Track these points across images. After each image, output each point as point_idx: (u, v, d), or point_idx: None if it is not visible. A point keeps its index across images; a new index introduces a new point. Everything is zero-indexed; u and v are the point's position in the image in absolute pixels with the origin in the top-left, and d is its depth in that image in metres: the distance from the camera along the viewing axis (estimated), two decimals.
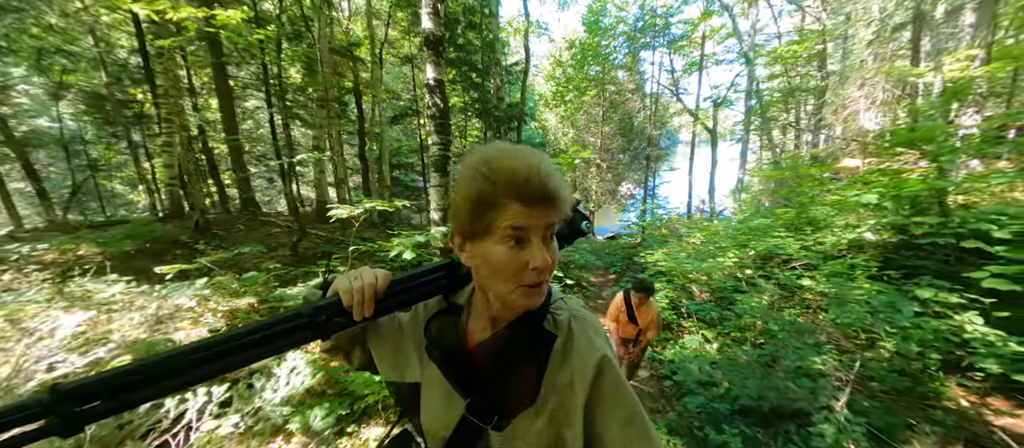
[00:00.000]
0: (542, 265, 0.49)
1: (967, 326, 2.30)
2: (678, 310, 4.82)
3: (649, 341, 3.18)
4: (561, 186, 0.49)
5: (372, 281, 0.52)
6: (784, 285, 4.23)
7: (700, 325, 4.50)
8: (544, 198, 0.48)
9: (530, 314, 0.57)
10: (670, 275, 5.42)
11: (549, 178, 0.48)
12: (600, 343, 0.57)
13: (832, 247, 3.53)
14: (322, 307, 0.51)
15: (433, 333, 0.63)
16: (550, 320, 0.59)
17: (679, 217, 12.50)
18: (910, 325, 2.52)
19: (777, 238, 4.02)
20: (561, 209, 0.50)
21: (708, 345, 4.12)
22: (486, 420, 0.55)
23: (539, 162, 0.48)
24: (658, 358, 3.99)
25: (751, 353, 3.50)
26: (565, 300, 0.62)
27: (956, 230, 2.61)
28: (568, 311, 0.60)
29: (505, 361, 0.57)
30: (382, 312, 0.54)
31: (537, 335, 0.57)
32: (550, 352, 0.57)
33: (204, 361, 0.45)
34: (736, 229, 5.16)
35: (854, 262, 3.23)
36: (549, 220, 0.49)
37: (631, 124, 16.85)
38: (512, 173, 0.48)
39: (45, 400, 0.40)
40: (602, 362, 0.54)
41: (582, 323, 0.59)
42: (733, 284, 4.73)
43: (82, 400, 0.41)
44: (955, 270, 2.68)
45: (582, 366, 0.54)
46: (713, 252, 5.04)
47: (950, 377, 2.88)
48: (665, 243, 7.72)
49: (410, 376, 0.64)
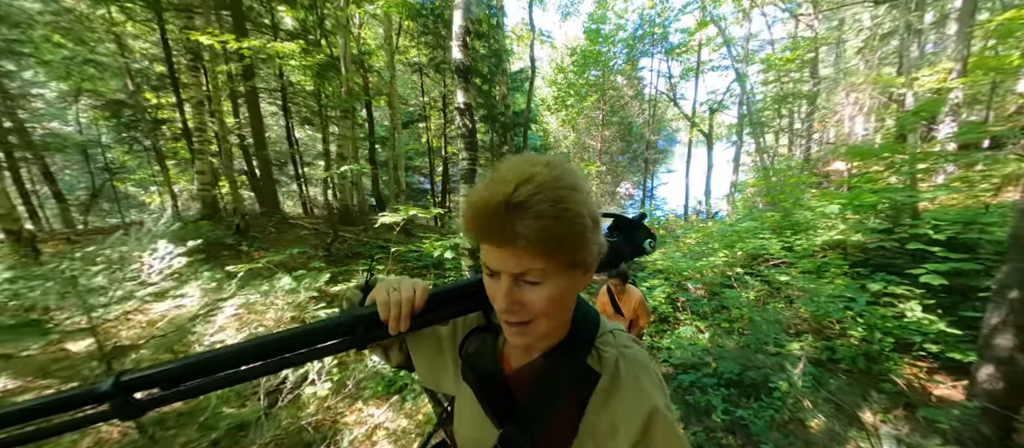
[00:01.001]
0: (501, 308, 0.46)
1: (908, 313, 2.82)
2: (674, 304, 5.34)
3: (642, 330, 3.09)
4: (544, 236, 0.41)
5: (410, 296, 0.51)
6: (768, 281, 4.75)
7: (694, 318, 5.02)
8: (502, 240, 0.42)
9: (569, 345, 0.54)
10: (667, 273, 5.93)
11: (516, 222, 0.41)
12: (651, 389, 0.50)
13: (808, 248, 4.05)
14: (360, 318, 0.51)
15: (469, 351, 0.61)
16: (594, 356, 0.54)
17: (676, 218, 13.04)
18: (865, 312, 3.04)
19: (761, 240, 4.54)
20: (538, 261, 0.43)
21: (701, 335, 4.64)
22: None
23: (509, 196, 0.41)
24: (656, 346, 4.51)
25: (737, 340, 4.03)
26: (615, 334, 0.57)
27: (900, 235, 3.13)
28: (616, 348, 0.54)
29: (542, 393, 0.53)
30: (418, 327, 0.53)
31: (579, 370, 0.52)
32: (592, 392, 0.51)
33: (250, 360, 0.48)
34: (726, 231, 5.68)
35: (825, 261, 3.75)
36: (516, 270, 0.44)
37: (630, 128, 17.39)
38: (470, 206, 0.44)
39: (108, 388, 0.43)
40: (652, 414, 0.48)
41: (631, 364, 0.53)
42: (723, 281, 5.26)
43: (142, 388, 0.45)
44: (905, 267, 3.21)
45: (628, 416, 0.49)
46: (706, 252, 5.56)
47: (904, 357, 3.41)
48: (663, 243, 8.23)
49: (446, 387, 0.63)
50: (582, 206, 0.43)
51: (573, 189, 0.43)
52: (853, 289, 3.15)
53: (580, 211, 0.42)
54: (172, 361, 0.46)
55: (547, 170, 0.43)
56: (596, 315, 0.58)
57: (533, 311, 0.46)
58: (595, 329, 0.56)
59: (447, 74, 10.60)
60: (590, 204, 0.45)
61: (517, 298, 0.45)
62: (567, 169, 0.44)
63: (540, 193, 0.41)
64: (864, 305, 2.96)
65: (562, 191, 0.42)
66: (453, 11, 3.66)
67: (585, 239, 0.44)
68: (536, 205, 0.40)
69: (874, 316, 2.91)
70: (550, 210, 0.40)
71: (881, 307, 2.99)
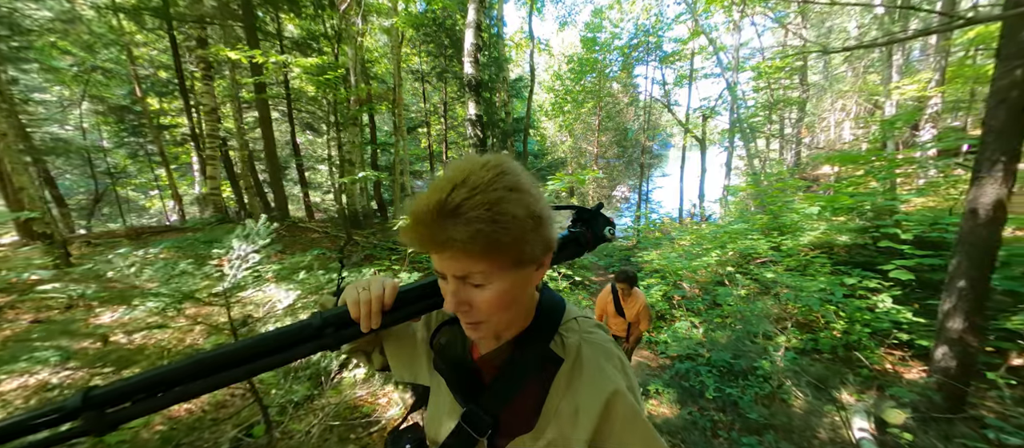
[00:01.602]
0: (450, 309, 0.47)
1: (879, 305, 3.14)
2: (670, 301, 5.65)
3: (641, 334, 3.07)
4: (481, 239, 0.41)
5: (380, 293, 0.52)
6: (758, 279, 5.06)
7: (688, 314, 5.32)
8: (438, 247, 0.42)
9: (533, 332, 0.55)
10: (663, 272, 6.24)
11: (451, 226, 0.41)
12: (612, 372, 0.52)
13: (793, 248, 4.38)
14: (330, 320, 0.52)
15: (441, 342, 0.63)
16: (558, 341, 0.55)
17: (671, 221, 13.40)
18: (843, 305, 3.36)
19: (751, 241, 4.87)
20: (478, 262, 0.43)
21: (695, 330, 4.94)
22: (480, 432, 0.54)
23: (444, 201, 0.41)
24: (653, 340, 4.80)
25: (730, 332, 4.33)
26: (579, 320, 0.58)
27: (872, 234, 3.46)
28: (579, 334, 0.56)
29: (507, 378, 0.54)
30: (390, 324, 0.54)
31: (541, 355, 0.54)
32: (554, 376, 0.53)
33: (223, 368, 0.48)
34: (718, 233, 6.01)
35: (808, 259, 4.08)
36: (458, 272, 0.45)
37: (626, 133, 17.80)
38: (409, 215, 0.44)
39: (76, 404, 0.43)
40: (613, 396, 0.50)
41: (594, 349, 0.54)
42: (716, 279, 5.57)
43: (114, 402, 0.45)
44: (880, 264, 3.53)
45: (589, 398, 0.50)
46: (699, 253, 5.88)
47: (879, 347, 3.73)
48: (659, 245, 8.56)
49: (422, 378, 0.66)
50: (520, 206, 0.43)
51: (512, 189, 0.43)
52: (832, 284, 3.46)
53: (517, 212, 0.42)
54: (142, 374, 0.46)
55: (483, 171, 0.43)
56: (562, 303, 0.59)
57: (482, 311, 0.47)
58: (559, 316, 0.57)
59: (449, 82, 10.93)
60: (531, 203, 0.44)
61: (464, 299, 0.46)
62: (507, 169, 0.44)
63: (474, 196, 0.41)
64: (841, 298, 3.27)
65: (498, 193, 0.42)
66: (464, 30, 3.96)
67: (525, 239, 0.44)
68: (470, 210, 0.40)
69: (850, 308, 3.22)
70: (485, 214, 0.40)
71: (856, 300, 3.30)
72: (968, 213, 2.24)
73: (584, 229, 0.66)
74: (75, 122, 12.21)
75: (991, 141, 2.11)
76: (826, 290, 3.38)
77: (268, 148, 6.64)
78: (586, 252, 0.66)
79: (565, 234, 0.66)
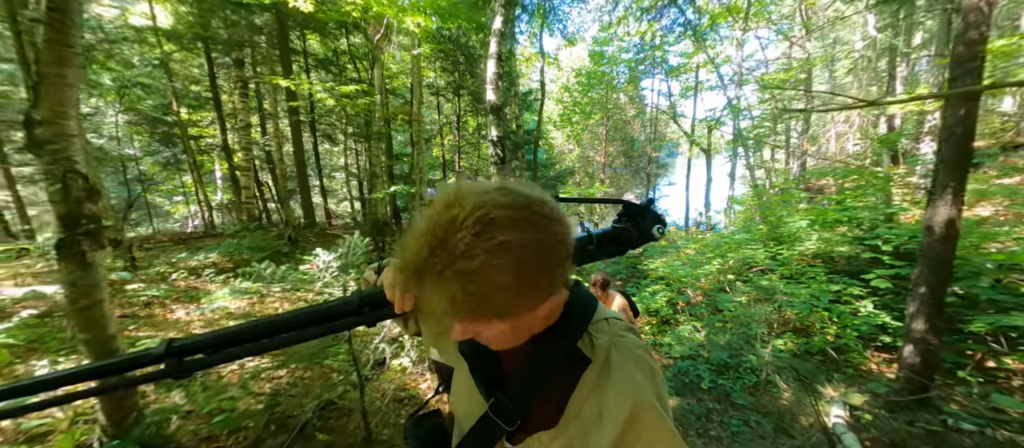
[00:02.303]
0: (456, 338, 0.47)
1: (862, 309, 3.50)
2: (674, 307, 6.01)
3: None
4: (449, 302, 0.38)
5: None
6: (759, 287, 5.41)
7: (691, 319, 5.68)
8: (422, 308, 0.42)
9: (559, 329, 0.54)
10: (668, 280, 6.60)
11: (423, 287, 0.39)
12: (641, 380, 0.49)
13: (789, 257, 4.74)
14: (367, 300, 0.56)
15: None
16: (587, 341, 0.54)
17: (677, 229, 13.71)
18: (831, 310, 3.72)
19: (750, 250, 5.23)
20: (458, 322, 0.42)
21: (697, 333, 5.30)
22: (509, 422, 0.53)
23: (416, 263, 0.39)
24: (657, 343, 5.16)
25: (729, 336, 4.68)
26: (610, 321, 0.56)
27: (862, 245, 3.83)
28: (610, 335, 0.54)
29: (531, 372, 0.54)
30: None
31: (569, 354, 0.53)
32: (581, 376, 0.52)
33: (276, 332, 0.55)
34: (720, 242, 6.38)
35: (803, 268, 4.44)
36: (459, 336, 0.46)
37: (633, 144, 18.22)
38: (406, 250, 0.42)
39: (160, 351, 0.52)
40: (639, 404, 0.48)
41: (623, 353, 0.52)
42: (718, 286, 5.92)
43: (190, 353, 0.53)
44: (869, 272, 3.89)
45: (615, 405, 0.49)
46: (702, 261, 6.24)
47: (866, 349, 4.06)
48: (664, 253, 8.90)
49: (447, 359, 0.67)
50: (506, 270, 0.38)
51: (498, 249, 0.37)
52: (820, 291, 3.82)
53: (500, 279, 0.38)
54: (214, 331, 0.54)
55: (463, 232, 0.37)
56: (593, 301, 0.58)
57: (491, 343, 0.48)
58: (590, 315, 0.56)
59: (462, 96, 11.46)
60: (528, 258, 0.39)
61: (471, 334, 0.46)
62: (490, 221, 0.38)
63: (451, 264, 0.37)
64: (827, 303, 3.64)
65: (479, 259, 0.37)
66: (487, 60, 4.44)
67: (516, 302, 0.41)
68: (445, 279, 0.37)
69: (834, 312, 3.58)
70: (461, 288, 0.37)
71: (841, 305, 3.66)
72: (925, 230, 2.62)
73: (630, 226, 0.64)
74: (109, 132, 12.94)
75: (943, 169, 2.50)
76: (815, 296, 3.74)
77: (298, 159, 7.17)
78: (629, 250, 0.64)
79: (609, 229, 0.64)
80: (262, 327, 0.55)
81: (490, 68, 4.37)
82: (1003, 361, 3.28)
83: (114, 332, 1.49)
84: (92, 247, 1.36)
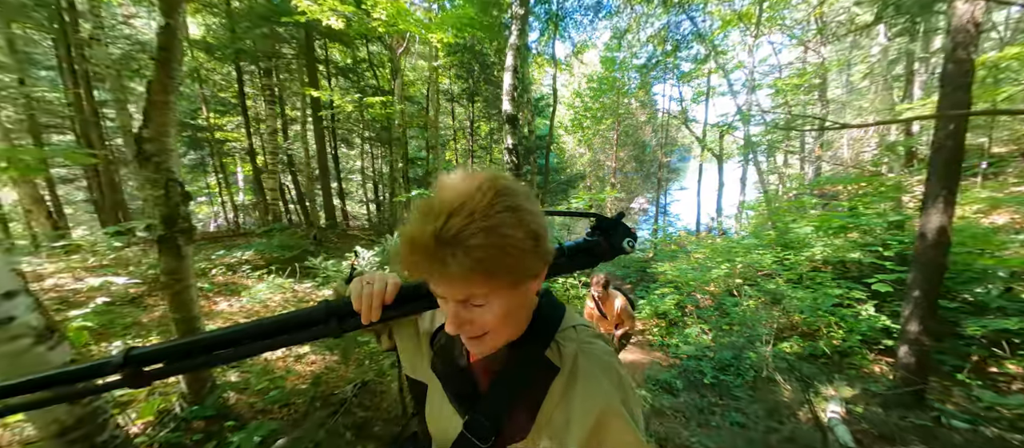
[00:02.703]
0: (451, 331, 0.48)
1: (863, 312, 3.63)
2: (683, 310, 6.15)
3: (627, 333, 3.25)
4: (482, 266, 0.41)
5: (382, 289, 0.54)
6: (765, 290, 5.53)
7: (699, 321, 5.81)
8: (437, 276, 0.44)
9: (529, 338, 0.55)
10: (677, 283, 6.74)
11: (450, 256, 0.41)
12: (608, 387, 0.51)
13: (795, 263, 4.86)
14: (334, 310, 0.56)
15: (441, 342, 0.64)
16: (554, 349, 0.55)
17: (688, 234, 13.74)
18: (835, 313, 3.85)
19: (757, 255, 5.36)
20: (479, 287, 0.44)
21: (705, 335, 5.44)
22: (484, 439, 0.54)
23: (442, 229, 0.41)
24: (666, 344, 5.32)
25: (736, 339, 4.83)
26: (578, 329, 0.58)
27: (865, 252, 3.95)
28: (578, 343, 0.55)
29: (501, 384, 0.55)
30: (388, 318, 0.56)
31: (537, 363, 0.54)
32: (549, 384, 0.53)
33: (242, 342, 0.55)
34: (728, 247, 6.50)
35: (809, 273, 4.56)
36: (459, 297, 0.46)
37: (644, 148, 18.30)
38: (403, 242, 0.44)
39: (118, 360, 0.50)
40: (605, 411, 0.49)
41: (590, 362, 0.53)
42: (727, 290, 6.05)
43: (150, 362, 0.52)
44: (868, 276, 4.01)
45: (581, 412, 0.50)
46: (712, 266, 6.37)
47: (870, 352, 4.17)
48: (675, 257, 9.01)
49: (421, 375, 0.67)
50: (520, 228, 0.43)
51: (510, 210, 0.43)
52: (823, 295, 3.96)
53: (516, 235, 0.42)
54: (178, 340, 0.54)
55: (480, 195, 0.42)
56: (562, 309, 0.59)
57: (484, 327, 0.49)
58: (557, 323, 0.57)
59: (476, 102, 11.80)
60: (530, 221, 0.45)
61: (465, 319, 0.47)
62: (502, 189, 0.44)
63: (472, 223, 0.40)
64: (829, 306, 3.77)
65: (497, 217, 0.41)
66: (504, 72, 4.71)
67: (525, 259, 0.44)
68: (468, 238, 0.40)
69: (838, 316, 3.71)
70: (484, 241, 0.40)
71: (844, 308, 3.79)
72: (919, 236, 2.76)
73: (601, 239, 0.65)
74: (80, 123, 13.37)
75: (934, 180, 2.65)
76: (817, 300, 3.88)
77: (321, 163, 7.56)
78: (601, 262, 0.65)
79: (580, 242, 0.66)
80: (225, 336, 0.54)
81: (506, 80, 4.63)
82: (1004, 365, 3.37)
83: (197, 313, 1.79)
84: (185, 242, 1.65)
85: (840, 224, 4.29)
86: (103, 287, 3.11)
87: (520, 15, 4.65)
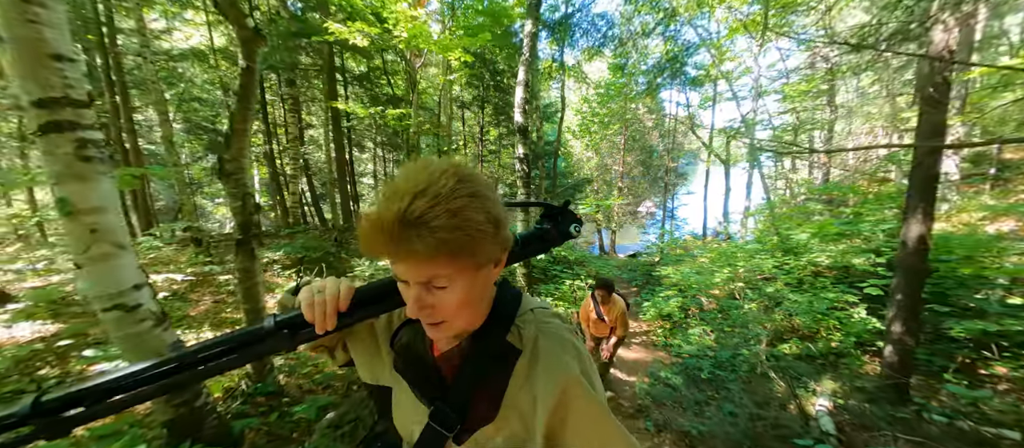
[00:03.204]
0: (412, 314, 0.49)
1: (855, 315, 3.85)
2: (686, 312, 6.39)
3: (620, 338, 3.32)
4: (442, 247, 0.43)
5: (334, 295, 0.53)
6: (765, 294, 5.74)
7: (702, 323, 6.04)
8: (400, 256, 0.45)
9: (490, 325, 0.57)
10: (681, 286, 6.97)
11: (412, 237, 0.42)
12: (568, 361, 0.53)
13: (794, 267, 5.08)
14: (283, 323, 0.53)
15: (403, 341, 0.65)
16: (515, 333, 0.57)
17: (694, 239, 13.90)
18: (829, 316, 4.07)
19: (758, 260, 5.58)
20: (440, 267, 0.45)
21: (707, 336, 5.66)
22: (449, 428, 0.55)
23: (404, 212, 0.42)
24: (669, 344, 5.56)
25: (736, 340, 5.05)
26: (536, 311, 0.60)
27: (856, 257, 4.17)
28: (536, 324, 0.58)
29: (467, 373, 0.57)
30: (345, 325, 0.55)
31: (499, 348, 0.56)
32: (513, 368, 0.55)
33: (179, 371, 0.50)
34: (731, 252, 6.72)
35: (801, 276, 4.78)
36: (420, 278, 0.47)
37: (651, 153, 18.48)
38: (366, 222, 0.45)
39: (25, 411, 0.44)
40: (567, 383, 0.51)
41: (550, 340, 0.56)
42: (730, 294, 6.26)
43: (68, 407, 0.46)
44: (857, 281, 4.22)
45: (545, 388, 0.52)
46: (714, 270, 6.60)
47: (863, 354, 4.37)
48: (680, 261, 9.22)
49: (384, 379, 0.66)
50: (481, 212, 0.45)
51: (472, 196, 0.45)
52: (819, 299, 4.18)
53: (478, 219, 0.44)
54: (96, 381, 0.47)
55: (444, 179, 0.44)
56: (518, 295, 0.62)
57: (445, 312, 0.49)
58: (515, 308, 0.59)
59: (486, 109, 12.14)
60: (491, 207, 0.47)
61: (427, 303, 0.48)
62: (465, 176, 0.46)
63: (437, 205, 0.42)
64: (824, 309, 4.00)
65: (460, 201, 0.43)
66: (516, 87, 5.02)
67: (486, 243, 0.46)
68: (433, 219, 0.42)
69: (831, 317, 3.94)
70: (448, 223, 0.42)
71: (838, 311, 4.02)
72: (901, 244, 2.99)
73: (550, 226, 0.68)
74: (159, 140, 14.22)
75: (914, 194, 2.88)
76: (813, 303, 4.11)
77: (340, 168, 7.94)
78: (551, 248, 0.67)
79: (533, 230, 0.68)
80: (160, 368, 0.50)
81: (518, 94, 4.94)
82: (992, 367, 3.57)
83: (263, 305, 2.11)
84: (257, 245, 1.97)
85: (836, 231, 4.50)
86: (167, 283, 3.48)
87: (531, 33, 4.96)
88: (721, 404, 3.14)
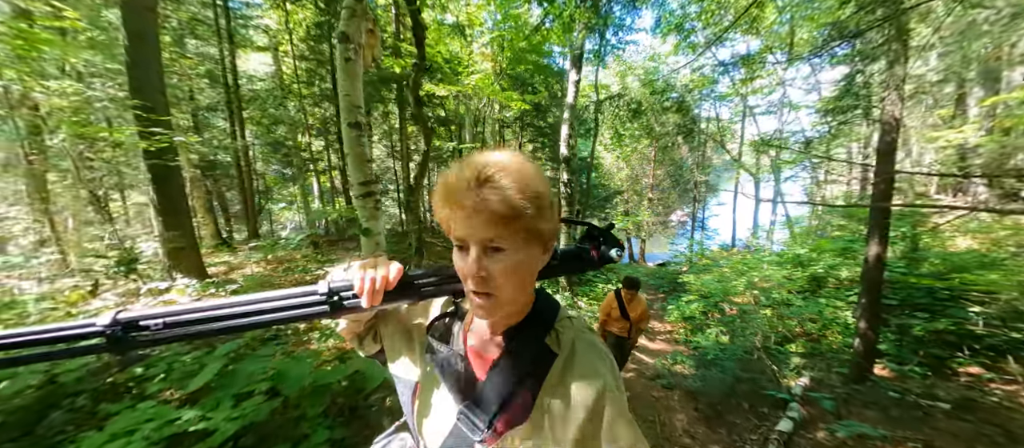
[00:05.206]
0: (467, 274, 0.53)
1: (841, 317, 4.74)
2: (706, 315, 7.31)
3: (641, 330, 3.51)
4: (507, 203, 0.49)
5: (385, 273, 0.56)
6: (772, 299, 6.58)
7: (719, 325, 6.94)
8: (471, 208, 0.49)
9: (529, 324, 0.59)
10: (703, 293, 7.88)
11: (484, 191, 0.49)
12: (604, 371, 0.56)
13: (801, 277, 5.95)
14: (335, 289, 0.57)
15: (437, 333, 0.66)
16: (553, 337, 0.59)
17: (722, 249, 14.45)
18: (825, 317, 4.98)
19: (770, 271, 6.46)
20: (502, 227, 0.50)
21: (724, 336, 6.58)
22: (477, 429, 0.56)
23: (479, 172, 0.50)
24: (690, 341, 6.52)
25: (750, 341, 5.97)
26: (573, 319, 0.63)
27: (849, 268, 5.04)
28: (574, 331, 0.60)
29: (501, 369, 0.58)
30: (390, 302, 0.58)
31: (537, 348, 0.58)
32: (548, 370, 0.57)
33: (235, 316, 0.54)
34: (750, 263, 7.57)
35: (803, 286, 5.66)
36: (484, 235, 0.51)
37: (681, 166, 19.11)
38: (445, 181, 0.52)
39: (105, 322, 0.49)
40: (602, 393, 0.53)
41: (587, 347, 0.58)
42: (750, 301, 7.13)
43: (136, 328, 0.50)
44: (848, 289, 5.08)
45: (580, 394, 0.54)
46: (733, 279, 7.48)
47: None
48: (707, 271, 10.01)
49: (411, 374, 0.68)
50: (542, 184, 0.53)
51: (536, 172, 0.53)
52: (813, 303, 5.08)
53: (540, 188, 0.52)
54: (168, 308, 0.52)
55: (509, 157, 0.53)
56: (557, 302, 0.64)
57: (497, 281, 0.52)
58: (556, 313, 0.62)
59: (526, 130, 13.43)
60: (546, 188, 0.54)
61: (484, 265, 0.52)
62: (528, 160, 0.54)
63: (505, 171, 0.50)
64: (817, 311, 4.90)
65: (527, 170, 0.52)
66: (561, 125, 6.24)
67: (543, 213, 0.52)
68: (501, 179, 0.49)
69: (824, 318, 4.85)
70: (515, 184, 0.49)
71: (829, 314, 4.92)
72: (864, 261, 3.93)
73: (590, 247, 0.68)
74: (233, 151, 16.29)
75: (873, 223, 3.82)
76: (808, 307, 5.02)
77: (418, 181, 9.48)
78: (589, 270, 0.68)
79: (573, 248, 0.69)
80: (224, 308, 0.54)
81: (564, 131, 6.16)
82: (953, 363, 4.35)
83: None
84: (425, 253, 3.27)
85: (829, 247, 5.36)
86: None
87: (575, 81, 6.16)
88: (720, 374, 4.18)
